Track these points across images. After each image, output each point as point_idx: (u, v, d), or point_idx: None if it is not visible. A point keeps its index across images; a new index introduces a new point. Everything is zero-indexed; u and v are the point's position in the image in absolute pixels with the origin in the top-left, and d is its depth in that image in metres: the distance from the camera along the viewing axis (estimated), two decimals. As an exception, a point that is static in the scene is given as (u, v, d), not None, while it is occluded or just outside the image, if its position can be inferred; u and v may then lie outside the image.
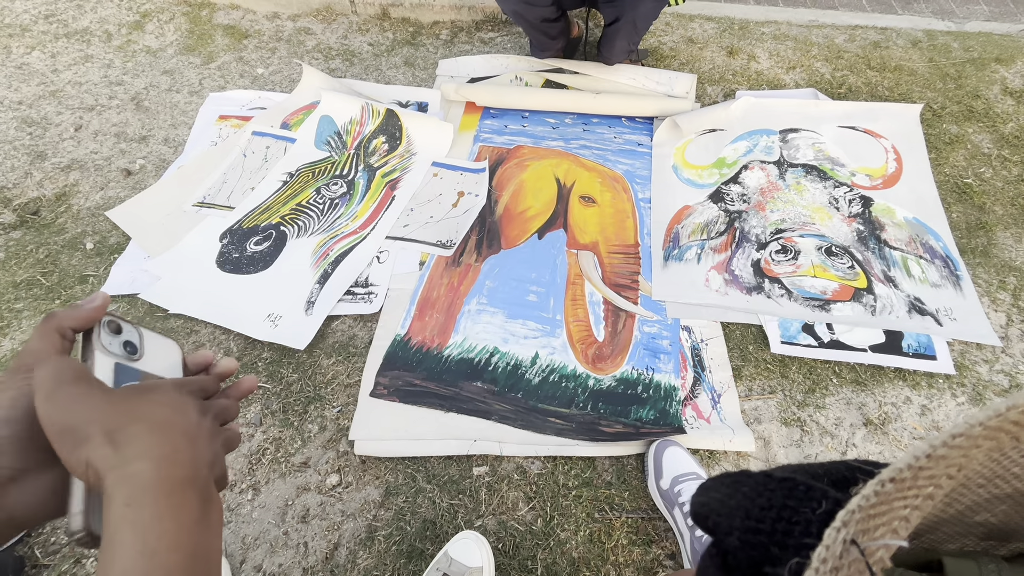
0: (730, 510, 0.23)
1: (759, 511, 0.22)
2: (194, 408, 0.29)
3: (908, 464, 0.17)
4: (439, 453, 0.99)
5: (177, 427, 0.27)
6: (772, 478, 0.22)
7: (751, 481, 0.24)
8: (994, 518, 0.20)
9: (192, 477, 0.26)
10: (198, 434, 0.28)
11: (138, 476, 0.25)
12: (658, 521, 0.92)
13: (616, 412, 1.03)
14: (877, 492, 0.17)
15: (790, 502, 0.21)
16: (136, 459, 0.25)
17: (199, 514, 0.26)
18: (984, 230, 1.30)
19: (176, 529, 0.24)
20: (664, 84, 1.63)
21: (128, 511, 0.24)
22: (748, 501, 0.23)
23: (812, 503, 0.21)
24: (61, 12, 1.95)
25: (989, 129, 1.51)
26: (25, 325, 1.18)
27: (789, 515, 0.21)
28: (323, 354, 1.13)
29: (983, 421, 0.17)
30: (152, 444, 0.26)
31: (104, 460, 0.25)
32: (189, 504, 0.25)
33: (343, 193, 1.40)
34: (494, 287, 1.22)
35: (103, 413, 0.26)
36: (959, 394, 1.05)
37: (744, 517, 0.22)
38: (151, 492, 0.24)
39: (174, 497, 0.25)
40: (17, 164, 1.49)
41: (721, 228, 1.31)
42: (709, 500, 0.26)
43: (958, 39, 1.77)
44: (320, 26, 1.92)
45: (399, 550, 0.90)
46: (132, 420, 0.26)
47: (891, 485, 0.17)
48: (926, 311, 1.15)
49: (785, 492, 0.21)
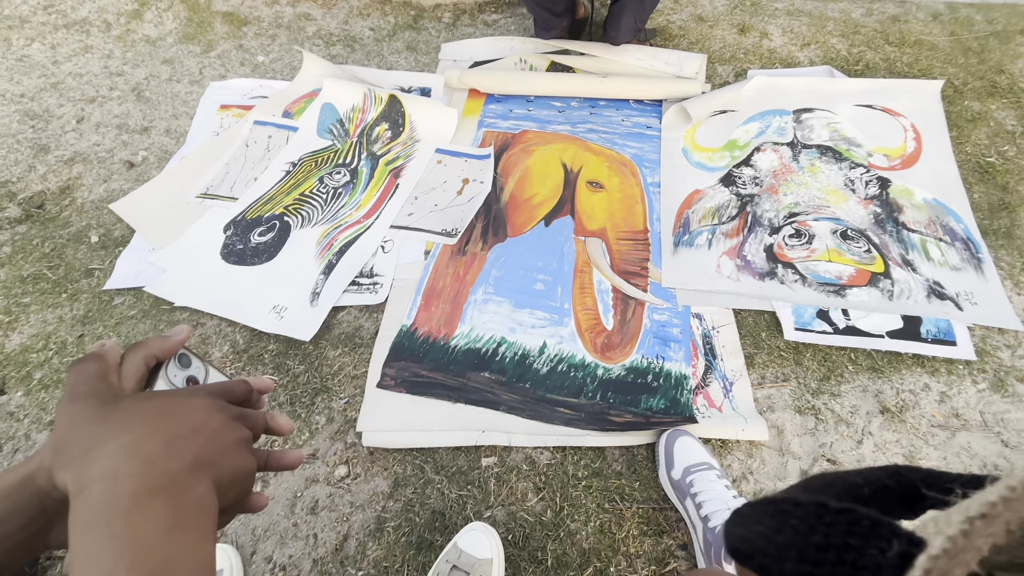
0: (779, 549, 0.20)
1: (815, 552, 0.19)
2: (204, 406, 0.29)
3: (1003, 496, 0.14)
4: (447, 444, 0.98)
5: (160, 434, 0.26)
6: (827, 509, 0.19)
7: (801, 512, 0.20)
8: None
9: (166, 486, 0.25)
10: (197, 433, 0.28)
11: (95, 498, 0.24)
12: (669, 511, 0.91)
13: (626, 401, 1.01)
14: (966, 532, 0.14)
15: (852, 540, 0.18)
16: (97, 480, 0.24)
17: (171, 523, 0.24)
18: (1007, 210, 1.26)
19: (136, 547, 0.23)
20: (673, 64, 1.58)
21: (84, 536, 0.23)
22: (800, 538, 0.19)
23: (880, 542, 0.18)
24: (60, 2, 1.93)
25: (1013, 105, 1.45)
26: (33, 319, 1.18)
27: (853, 558, 0.18)
28: (329, 345, 1.12)
29: None
30: (118, 461, 0.25)
31: (70, 485, 0.24)
32: (155, 517, 0.24)
33: (346, 182, 1.38)
34: (500, 276, 1.20)
35: (87, 435, 0.26)
36: (980, 380, 1.02)
37: (797, 559, 0.19)
38: (107, 513, 0.23)
39: (135, 513, 0.24)
40: (21, 157, 1.49)
41: (733, 212, 1.28)
42: (751, 535, 0.23)
43: (981, 11, 1.70)
44: (320, 11, 1.88)
45: (408, 541, 0.90)
46: (113, 436, 0.26)
47: (981, 523, 0.15)
48: (946, 295, 1.12)
49: (844, 527, 0.18)
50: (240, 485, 0.29)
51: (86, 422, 0.27)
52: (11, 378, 1.10)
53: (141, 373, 0.31)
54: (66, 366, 1.11)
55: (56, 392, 1.08)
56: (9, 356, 1.13)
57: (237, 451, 0.29)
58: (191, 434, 0.27)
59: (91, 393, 0.28)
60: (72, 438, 0.26)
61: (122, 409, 0.27)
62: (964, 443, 0.96)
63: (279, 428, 0.35)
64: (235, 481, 0.29)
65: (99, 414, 0.27)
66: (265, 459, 0.33)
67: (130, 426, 0.26)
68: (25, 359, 1.13)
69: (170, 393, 0.31)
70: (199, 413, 0.29)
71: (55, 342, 1.15)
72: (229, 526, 0.93)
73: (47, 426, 1.04)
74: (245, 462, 0.30)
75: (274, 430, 0.35)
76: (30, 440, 1.03)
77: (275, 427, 0.35)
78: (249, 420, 0.32)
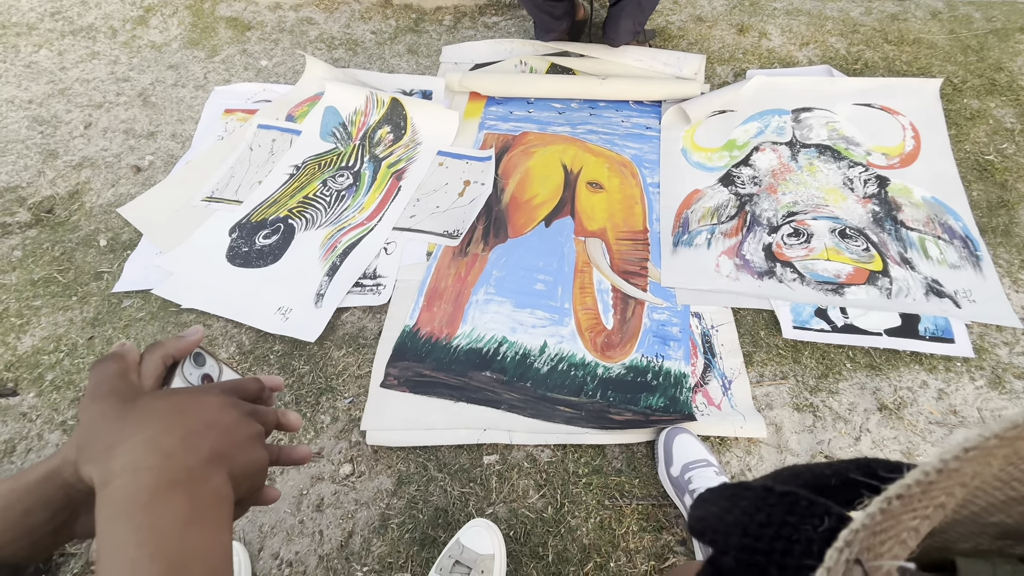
0: (727, 526, 0.22)
1: (757, 528, 0.20)
2: (218, 403, 0.31)
3: (917, 480, 0.16)
4: (449, 442, 1.00)
5: (177, 430, 0.28)
6: (772, 492, 0.21)
7: (750, 494, 0.22)
8: (1010, 519, 0.19)
9: (183, 480, 0.26)
10: (211, 428, 0.29)
11: (118, 491, 0.25)
12: (668, 508, 0.92)
13: (625, 400, 1.03)
14: (883, 510, 0.16)
15: (790, 518, 0.20)
16: (119, 474, 0.26)
17: (188, 515, 0.26)
18: (1006, 208, 1.26)
19: (156, 538, 0.24)
20: (672, 65, 1.59)
21: (109, 526, 0.25)
22: (746, 517, 0.21)
23: (814, 520, 0.19)
24: (66, 9, 1.96)
25: (1012, 103, 1.45)
26: (44, 322, 1.21)
27: (789, 533, 0.20)
28: (333, 346, 1.14)
29: (999, 433, 0.16)
30: (139, 456, 0.26)
31: (95, 478, 0.26)
32: (174, 508, 0.25)
33: (349, 185, 1.40)
34: (502, 276, 1.21)
35: (109, 431, 0.27)
36: (978, 377, 1.03)
37: (741, 534, 0.21)
38: (129, 506, 0.25)
39: (154, 504, 0.25)
40: (30, 163, 1.51)
41: (732, 212, 1.29)
42: (706, 514, 0.25)
43: (980, 9, 1.70)
44: (322, 15, 1.90)
45: (412, 538, 0.91)
46: (133, 432, 0.27)
47: (898, 502, 0.16)
48: (944, 293, 1.13)
49: (785, 508, 0.20)
50: (253, 478, 0.31)
51: (107, 419, 0.28)
52: (24, 380, 1.12)
53: (159, 372, 0.33)
54: (77, 368, 1.14)
55: (67, 393, 1.10)
56: (21, 358, 1.15)
57: (250, 445, 0.31)
58: (206, 429, 0.29)
59: (112, 392, 0.29)
60: (95, 434, 0.28)
61: (141, 406, 0.29)
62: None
63: (289, 424, 0.36)
64: (249, 474, 0.30)
65: (120, 411, 0.28)
66: (277, 453, 0.35)
67: (149, 422, 0.28)
68: (37, 361, 1.15)
69: (186, 390, 0.32)
70: (214, 409, 0.30)
71: (66, 344, 1.17)
72: (237, 523, 0.95)
73: (59, 426, 1.06)
74: (258, 456, 0.31)
75: (284, 426, 0.36)
76: (43, 440, 1.05)
77: (285, 423, 0.36)
78: (261, 416, 0.33)
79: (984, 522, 0.20)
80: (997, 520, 0.19)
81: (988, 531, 0.20)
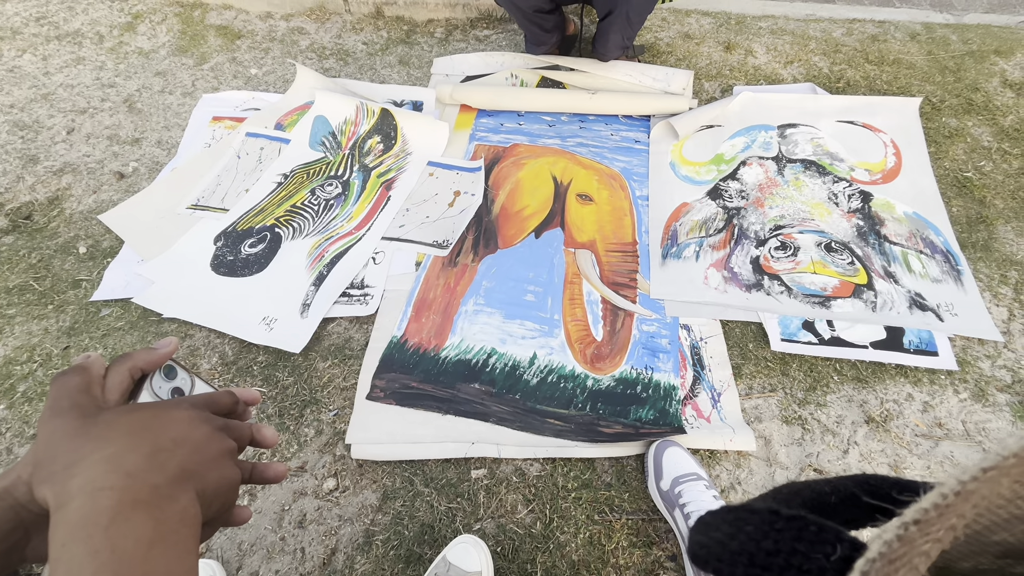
0: (732, 555, 0.21)
1: (765, 557, 0.19)
2: (188, 418, 0.29)
3: (935, 503, 0.15)
4: (437, 456, 0.98)
5: (142, 447, 0.26)
6: (779, 516, 0.20)
7: (755, 519, 0.21)
8: (1012, 538, 0.19)
9: (147, 500, 0.25)
10: (180, 445, 0.27)
11: (74, 513, 0.24)
12: (659, 522, 0.91)
13: (615, 412, 1.02)
14: (900, 536, 0.15)
15: (800, 546, 0.19)
16: (77, 495, 0.24)
17: (152, 537, 0.24)
18: (985, 224, 1.29)
19: (116, 562, 0.23)
20: (661, 80, 1.61)
21: (63, 551, 0.23)
22: (753, 544, 0.20)
23: (825, 547, 0.18)
24: (52, 14, 1.93)
25: (989, 122, 1.50)
26: (18, 331, 1.17)
27: (800, 562, 0.19)
28: (319, 357, 1.11)
29: (1017, 452, 0.15)
30: (99, 475, 0.25)
31: (50, 500, 0.24)
32: (136, 530, 0.24)
33: (338, 194, 1.39)
34: (491, 287, 1.20)
35: (68, 449, 0.26)
36: (961, 390, 1.04)
37: (748, 564, 0.20)
38: (86, 528, 0.23)
39: (115, 527, 0.23)
40: (9, 168, 1.48)
41: (719, 225, 1.30)
42: (709, 540, 0.24)
43: (957, 31, 1.76)
44: (314, 25, 1.90)
45: (397, 555, 0.89)
46: (93, 450, 0.26)
47: (915, 528, 0.15)
48: (927, 307, 1.14)
49: (794, 534, 0.19)
50: (224, 497, 0.29)
51: (67, 436, 0.26)
52: (-7, 391, 1.08)
53: (125, 385, 0.31)
54: (50, 379, 1.10)
55: (40, 405, 1.06)
56: (-8, 368, 1.11)
57: (221, 463, 0.29)
58: (174, 446, 0.27)
59: (73, 407, 0.28)
60: (53, 452, 0.26)
61: (103, 422, 0.27)
62: (947, 452, 0.97)
63: (264, 440, 0.35)
64: (219, 493, 0.29)
65: (80, 428, 0.27)
66: (250, 471, 0.33)
67: (111, 439, 0.26)
68: (9, 372, 1.11)
69: (153, 405, 0.30)
70: (182, 424, 0.28)
71: (40, 354, 1.13)
72: (214, 540, 0.91)
73: (30, 439, 1.02)
74: (229, 474, 0.29)
75: (259, 442, 0.35)
76: (12, 454, 1.01)
77: (260, 439, 0.35)
78: (234, 431, 0.32)
79: (986, 541, 0.19)
80: (1000, 539, 0.19)
81: (990, 550, 0.20)
